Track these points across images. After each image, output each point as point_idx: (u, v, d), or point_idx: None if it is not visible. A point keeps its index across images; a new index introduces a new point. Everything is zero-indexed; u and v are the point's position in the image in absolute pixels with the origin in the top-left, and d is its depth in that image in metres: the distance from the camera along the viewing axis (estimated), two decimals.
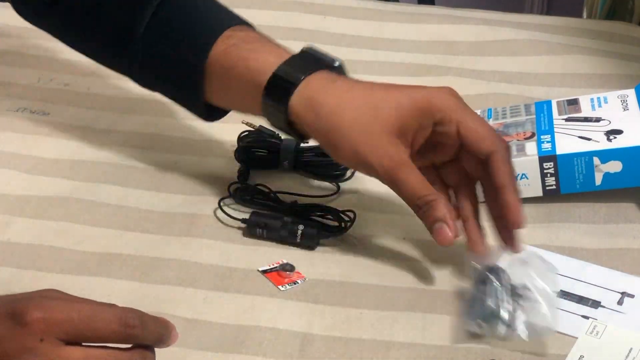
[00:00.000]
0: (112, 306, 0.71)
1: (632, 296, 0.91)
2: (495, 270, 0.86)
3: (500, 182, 0.88)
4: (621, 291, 0.91)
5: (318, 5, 1.43)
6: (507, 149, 0.90)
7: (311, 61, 0.95)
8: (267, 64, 0.94)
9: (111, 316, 0.70)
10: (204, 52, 0.97)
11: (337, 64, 0.96)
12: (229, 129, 1.12)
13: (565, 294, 0.90)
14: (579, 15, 2.01)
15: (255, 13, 1.40)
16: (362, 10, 1.43)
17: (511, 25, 1.38)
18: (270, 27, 1.37)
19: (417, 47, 1.34)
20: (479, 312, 0.85)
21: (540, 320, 0.83)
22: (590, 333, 0.86)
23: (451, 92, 0.91)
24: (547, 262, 0.87)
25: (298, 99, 0.92)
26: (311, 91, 0.91)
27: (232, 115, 1.10)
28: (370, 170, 0.90)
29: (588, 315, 0.88)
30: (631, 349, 0.85)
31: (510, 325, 0.84)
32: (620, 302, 0.90)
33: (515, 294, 0.85)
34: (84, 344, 0.70)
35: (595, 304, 0.90)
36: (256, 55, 0.95)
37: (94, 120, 1.17)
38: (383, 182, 0.91)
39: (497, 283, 0.85)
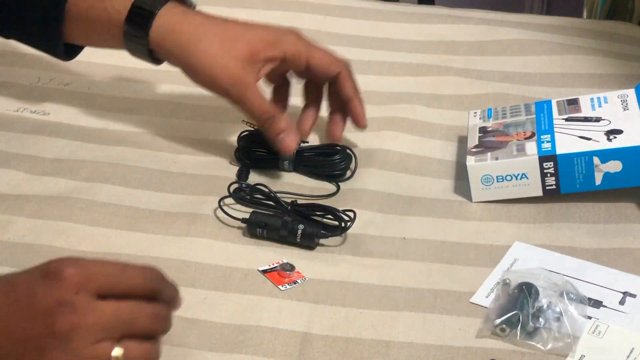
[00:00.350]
0: (136, 265, 0.75)
1: (634, 296, 0.91)
2: (530, 287, 0.88)
3: (348, 94, 1.06)
4: (623, 291, 0.91)
5: (318, 5, 1.43)
6: (349, 67, 1.06)
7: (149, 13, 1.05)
8: (123, 1, 1.04)
9: (137, 272, 0.75)
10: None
11: None
12: (229, 129, 1.12)
13: (567, 294, 0.90)
14: (579, 15, 2.01)
15: (256, 13, 1.40)
16: (362, 10, 1.42)
17: (511, 25, 1.38)
18: None
19: (417, 47, 1.34)
20: (505, 317, 0.86)
21: (562, 340, 0.85)
22: (592, 333, 0.86)
23: (297, 34, 1.07)
24: (580, 292, 0.88)
25: (157, 28, 1.03)
26: (168, 21, 1.03)
27: (233, 115, 1.11)
28: (223, 91, 1.03)
29: (590, 315, 0.88)
30: (633, 348, 0.85)
31: (531, 334, 0.85)
32: (622, 302, 0.90)
33: (546, 311, 0.86)
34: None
35: (597, 304, 0.90)
36: None
37: (94, 120, 1.16)
38: (232, 102, 1.03)
39: (530, 297, 0.86)
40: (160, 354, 0.76)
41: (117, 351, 0.72)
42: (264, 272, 0.93)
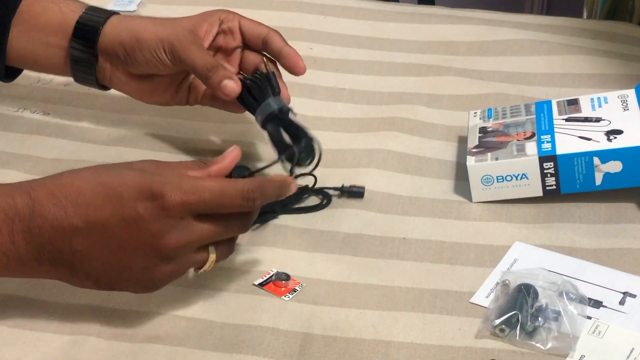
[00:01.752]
0: (235, 184, 0.83)
1: (634, 296, 0.91)
2: (529, 288, 0.88)
3: (279, 44, 1.06)
4: (623, 291, 0.91)
5: (318, 5, 1.43)
6: (279, 33, 1.07)
7: (103, 10, 1.08)
8: (76, 6, 1.07)
9: (236, 192, 0.83)
10: (11, 10, 1.06)
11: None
12: (230, 130, 1.12)
13: (567, 294, 0.90)
14: (579, 15, 2.01)
15: (256, 13, 1.40)
16: (362, 10, 1.42)
17: (511, 25, 1.38)
18: None
19: (417, 47, 1.34)
20: (504, 317, 0.86)
21: (561, 340, 0.85)
22: (592, 333, 0.86)
23: (229, 10, 1.09)
24: (580, 292, 0.88)
25: (106, 31, 1.05)
26: (116, 21, 1.06)
27: (233, 115, 1.10)
28: (170, 49, 1.03)
29: (590, 315, 0.88)
30: (633, 348, 0.85)
31: (530, 334, 0.85)
32: (622, 302, 0.90)
33: (545, 311, 0.86)
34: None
35: (597, 304, 0.90)
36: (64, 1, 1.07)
37: (94, 120, 1.17)
38: (179, 59, 1.03)
39: (529, 298, 0.87)
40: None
41: (212, 256, 0.85)
42: (261, 285, 0.92)
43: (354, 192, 1.04)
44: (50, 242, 0.81)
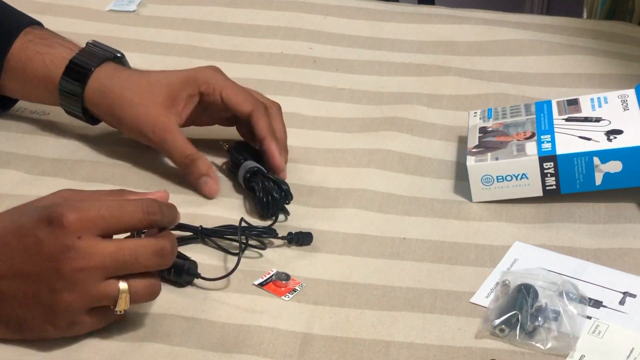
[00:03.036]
0: (133, 200, 0.82)
1: (634, 296, 0.91)
2: (529, 288, 0.88)
3: (261, 134, 1.03)
4: (623, 291, 0.91)
5: (318, 5, 1.43)
6: (265, 108, 1.04)
7: (99, 53, 1.08)
8: (61, 58, 1.06)
9: (135, 207, 0.81)
10: (5, 47, 1.07)
11: (119, 54, 1.09)
12: (229, 130, 1.12)
13: (567, 294, 0.90)
14: (579, 15, 2.01)
15: (255, 13, 1.41)
16: (362, 10, 1.42)
17: (511, 25, 1.38)
18: (270, 27, 1.37)
19: (417, 47, 1.34)
20: (504, 317, 0.86)
21: (561, 340, 0.84)
22: (592, 333, 0.86)
23: (215, 69, 1.07)
24: (580, 292, 0.88)
25: (92, 86, 1.05)
26: (101, 79, 1.06)
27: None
28: (146, 138, 1.05)
29: (590, 315, 0.88)
30: (633, 348, 0.85)
31: (530, 334, 0.85)
32: (622, 302, 0.90)
33: (545, 311, 0.86)
34: (115, 236, 0.81)
35: (597, 304, 0.90)
36: (51, 50, 1.07)
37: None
38: (156, 147, 1.05)
39: (528, 298, 0.87)
40: (160, 287, 0.84)
41: (122, 286, 0.80)
42: (261, 285, 0.92)
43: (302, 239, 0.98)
44: None
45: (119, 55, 1.09)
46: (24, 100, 1.14)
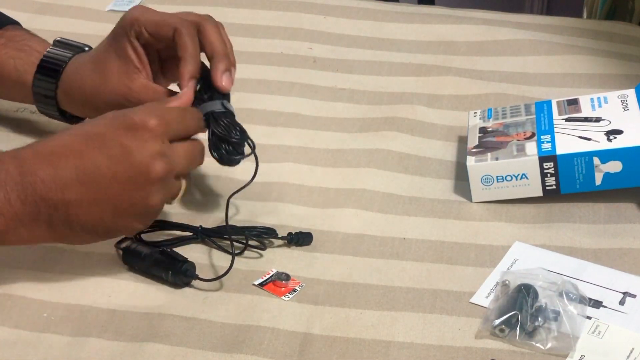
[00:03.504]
0: (190, 109, 0.91)
1: (634, 296, 0.91)
2: (529, 288, 0.88)
3: (181, 53, 0.94)
4: (623, 291, 0.91)
5: (318, 5, 1.43)
6: (191, 25, 0.95)
7: (68, 47, 1.06)
8: (31, 63, 1.05)
9: (192, 115, 0.90)
10: None
11: (87, 48, 1.07)
12: None
13: (567, 294, 0.90)
14: (579, 15, 2.01)
15: (255, 13, 1.41)
16: (362, 10, 1.42)
17: (511, 25, 1.38)
18: (270, 27, 1.37)
19: (417, 47, 1.34)
20: (504, 318, 0.86)
21: (561, 340, 0.85)
22: (592, 333, 0.86)
23: (141, 7, 0.98)
24: (580, 292, 0.88)
25: (61, 86, 1.04)
26: (72, 72, 1.03)
27: None
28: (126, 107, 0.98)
29: (590, 315, 0.88)
30: (633, 349, 0.85)
31: (530, 334, 0.85)
32: (622, 302, 0.90)
33: (544, 311, 0.86)
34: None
35: (597, 304, 0.90)
36: (20, 53, 1.06)
37: None
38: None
39: (528, 298, 0.87)
40: None
41: (184, 184, 0.89)
42: (261, 285, 0.92)
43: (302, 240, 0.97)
44: (43, 199, 0.83)
45: (86, 49, 1.06)
46: (8, 100, 1.13)
